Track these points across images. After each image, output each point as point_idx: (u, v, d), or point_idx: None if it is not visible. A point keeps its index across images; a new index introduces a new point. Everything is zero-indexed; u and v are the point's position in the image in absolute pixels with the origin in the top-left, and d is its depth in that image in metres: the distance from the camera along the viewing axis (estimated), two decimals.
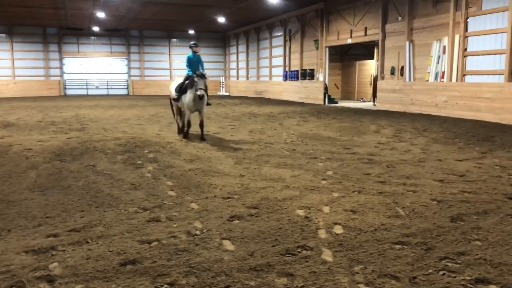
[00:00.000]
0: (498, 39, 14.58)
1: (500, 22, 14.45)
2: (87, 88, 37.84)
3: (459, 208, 5.13)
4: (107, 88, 38.35)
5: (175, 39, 39.42)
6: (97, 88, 38.07)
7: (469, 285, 3.26)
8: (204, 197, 5.67)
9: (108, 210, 5.14)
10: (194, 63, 10.98)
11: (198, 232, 4.37)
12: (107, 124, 14.31)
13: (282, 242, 4.12)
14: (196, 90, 10.02)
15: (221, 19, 29.97)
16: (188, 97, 10.41)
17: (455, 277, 3.40)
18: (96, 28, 35.63)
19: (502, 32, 14.37)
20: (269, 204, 5.33)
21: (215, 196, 5.73)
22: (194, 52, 11.01)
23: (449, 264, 3.62)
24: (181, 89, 10.68)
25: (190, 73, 10.63)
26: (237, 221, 4.73)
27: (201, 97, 9.99)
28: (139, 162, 8.02)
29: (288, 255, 3.82)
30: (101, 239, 4.20)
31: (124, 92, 38.75)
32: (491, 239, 4.16)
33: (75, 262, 3.68)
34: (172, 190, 6.04)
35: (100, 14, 27.81)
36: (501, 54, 14.47)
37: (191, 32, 37.91)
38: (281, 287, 3.25)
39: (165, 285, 3.28)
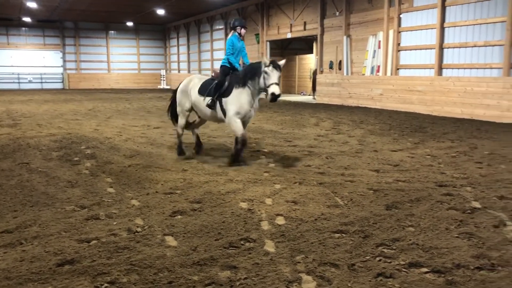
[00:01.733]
0: (428, 35, 15.34)
1: (430, 18, 15.21)
2: (19, 82, 35.89)
3: (394, 197, 5.37)
4: (41, 82, 36.58)
5: (113, 31, 38.22)
6: (30, 82, 36.21)
7: (403, 270, 3.44)
8: (145, 193, 5.56)
9: (44, 209, 4.92)
10: (238, 51, 7.59)
11: (139, 229, 4.29)
12: (41, 120, 13.64)
13: (226, 235, 4.14)
14: (267, 87, 6.71)
15: (161, 11, 29.38)
16: (243, 98, 7.02)
17: (390, 262, 3.56)
18: (27, 19, 33.76)
19: (432, 28, 15.13)
20: (212, 198, 5.32)
21: (156, 192, 5.64)
22: (240, 36, 7.59)
23: (385, 250, 3.79)
24: (218, 89, 7.27)
25: (237, 65, 7.41)
26: (179, 217, 4.69)
27: (275, 98, 6.66)
28: (76, 158, 7.73)
29: (231, 248, 3.84)
30: (36, 240, 4.02)
31: (60, 86, 37.13)
32: (423, 225, 4.40)
33: (8, 265, 3.50)
34: (112, 187, 5.88)
35: (31, 4, 26.40)
36: (431, 49, 15.24)
37: (130, 24, 36.91)
38: (224, 280, 3.27)
39: (106, 284, 3.20)
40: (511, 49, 12.60)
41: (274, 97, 6.61)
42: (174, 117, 8.35)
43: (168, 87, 38.20)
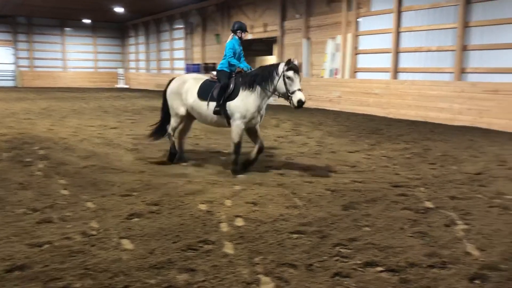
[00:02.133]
0: (385, 39, 15.75)
1: (387, 23, 15.61)
2: None
3: (351, 197, 5.48)
4: None
5: (69, 28, 37.06)
6: None
7: (359, 269, 3.51)
8: (101, 195, 5.42)
9: None
10: (238, 54, 7.19)
11: (94, 232, 4.17)
12: None
13: (184, 238, 4.09)
14: (291, 93, 6.28)
15: (119, 9, 28.78)
16: (250, 101, 6.57)
17: (347, 262, 3.63)
18: None
19: (388, 32, 15.54)
20: (170, 200, 5.25)
21: (113, 194, 5.50)
22: (240, 39, 7.23)
23: (342, 250, 3.86)
24: (223, 93, 6.72)
25: (242, 66, 7.00)
26: (136, 219, 4.59)
27: (301, 105, 6.25)
28: (28, 159, 7.44)
29: (189, 251, 3.80)
30: None
31: (12, 83, 35.61)
32: (379, 225, 4.51)
33: None
34: (66, 189, 5.69)
35: None
36: (387, 53, 15.65)
37: (87, 21, 35.92)
38: (182, 283, 3.23)
39: None
40: (462, 55, 13.13)
41: (301, 104, 6.21)
42: (160, 133, 7.60)
43: (126, 86, 37.46)
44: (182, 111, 7.17)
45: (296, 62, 6.41)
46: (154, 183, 6.02)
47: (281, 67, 6.42)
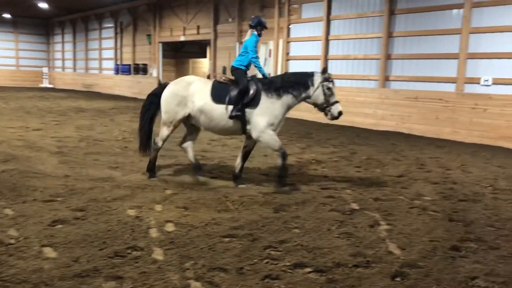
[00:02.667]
0: (315, 46, 16.22)
1: (316, 31, 16.09)
2: None
3: (282, 199, 5.58)
4: None
5: None
6: None
7: (288, 270, 3.58)
8: (21, 201, 5.11)
9: None
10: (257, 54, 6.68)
11: (12, 241, 3.92)
12: None
13: (111, 244, 3.96)
14: (330, 104, 6.14)
15: (43, 5, 27.33)
16: (276, 109, 6.10)
17: (277, 264, 3.69)
18: None
19: (318, 40, 16.03)
20: (97, 206, 5.05)
21: (34, 199, 5.20)
22: (259, 36, 6.71)
23: (272, 252, 3.92)
24: (243, 97, 6.08)
25: (263, 72, 6.62)
26: (60, 226, 4.38)
27: (339, 116, 6.16)
28: None
29: (117, 258, 3.69)
30: None
31: None
32: (308, 226, 4.63)
33: None
34: None
35: None
36: (317, 59, 16.13)
37: (7, 16, 33.75)
38: None
39: None
40: (386, 63, 13.83)
41: (340, 115, 6.13)
42: (147, 143, 6.69)
43: (51, 86, 35.64)
44: (181, 115, 6.35)
45: (327, 72, 6.38)
46: (79, 188, 5.77)
47: (318, 77, 6.27)
